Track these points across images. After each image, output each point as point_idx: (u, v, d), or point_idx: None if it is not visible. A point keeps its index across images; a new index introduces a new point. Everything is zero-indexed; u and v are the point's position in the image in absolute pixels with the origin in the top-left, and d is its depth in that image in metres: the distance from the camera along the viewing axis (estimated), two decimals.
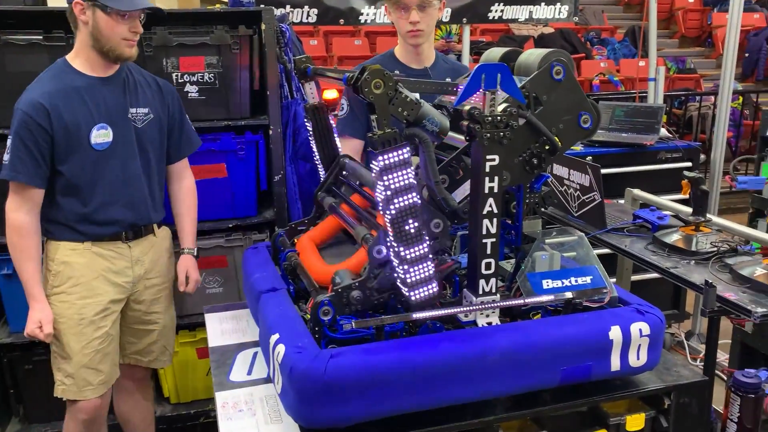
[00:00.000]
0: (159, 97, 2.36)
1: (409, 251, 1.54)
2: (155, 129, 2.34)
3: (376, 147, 1.48)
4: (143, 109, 2.31)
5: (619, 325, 1.68)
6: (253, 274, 2.04)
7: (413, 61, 2.65)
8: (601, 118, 1.89)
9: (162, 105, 2.36)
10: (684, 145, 3.67)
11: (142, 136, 2.30)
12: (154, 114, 2.33)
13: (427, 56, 2.65)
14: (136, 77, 2.35)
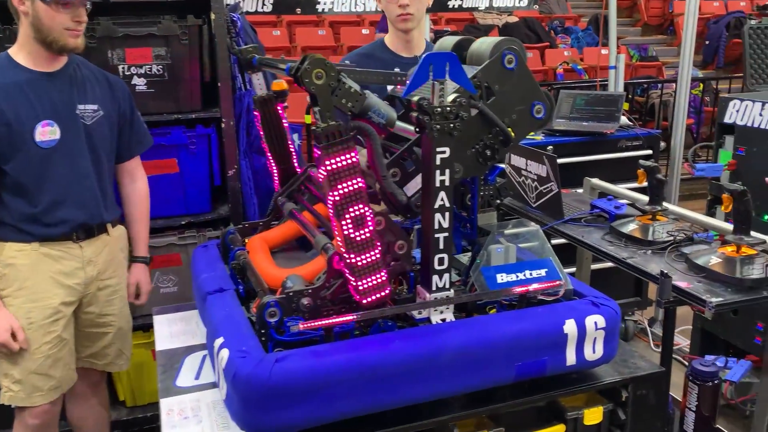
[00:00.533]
0: (109, 93, 2.26)
1: (359, 258, 1.49)
2: (105, 126, 2.24)
3: (319, 140, 1.42)
4: (92, 105, 2.21)
5: (573, 319, 1.65)
6: (201, 274, 1.96)
7: (403, 49, 2.61)
8: (554, 107, 1.86)
9: (112, 102, 2.26)
10: (644, 133, 3.67)
11: (92, 134, 2.21)
12: (104, 111, 2.23)
13: (417, 44, 2.62)
14: (84, 72, 2.24)
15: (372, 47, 2.67)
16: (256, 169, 2.88)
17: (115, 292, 2.35)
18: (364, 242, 1.51)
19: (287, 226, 2.06)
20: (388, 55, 2.58)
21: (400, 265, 1.66)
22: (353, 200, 1.47)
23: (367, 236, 1.51)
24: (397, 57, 2.56)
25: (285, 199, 2.12)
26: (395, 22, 2.50)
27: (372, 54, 2.59)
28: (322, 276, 1.68)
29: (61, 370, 2.24)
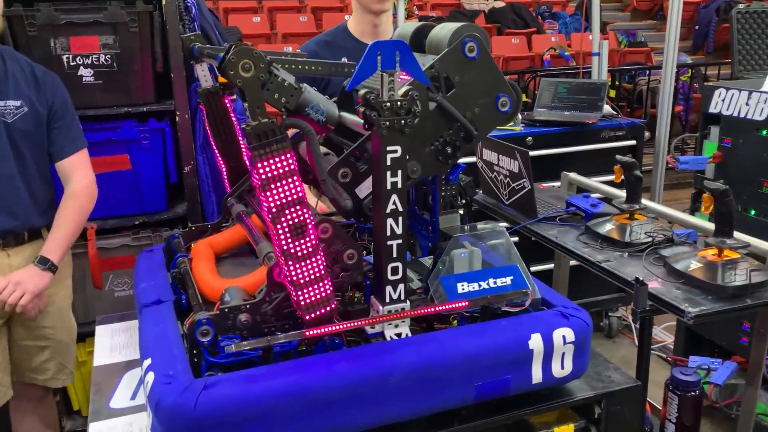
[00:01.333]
0: (35, 87, 2.08)
1: (300, 270, 1.34)
2: (30, 124, 2.06)
3: (250, 141, 1.26)
4: (14, 101, 2.03)
5: (540, 332, 1.51)
6: (141, 283, 1.81)
7: (370, 35, 2.41)
8: (521, 100, 1.70)
9: (39, 96, 2.08)
10: (627, 122, 3.53)
11: (14, 132, 2.03)
12: (29, 107, 2.05)
13: (385, 30, 2.43)
14: (9, 66, 2.06)
15: (334, 33, 2.48)
16: (214, 165, 2.71)
17: (51, 303, 2.17)
18: (303, 253, 1.36)
19: (236, 230, 1.91)
20: (351, 42, 2.40)
21: (350, 277, 1.51)
22: (290, 206, 1.31)
23: (307, 246, 1.36)
24: (363, 45, 2.37)
25: (234, 201, 1.96)
26: (370, 3, 2.32)
27: (333, 41, 2.42)
28: (263, 288, 1.53)
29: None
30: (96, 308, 2.70)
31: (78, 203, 2.20)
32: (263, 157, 1.27)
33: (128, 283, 2.70)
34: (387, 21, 2.44)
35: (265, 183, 1.28)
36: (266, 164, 1.27)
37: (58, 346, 2.24)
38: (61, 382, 2.31)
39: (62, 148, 2.16)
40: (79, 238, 2.58)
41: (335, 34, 2.46)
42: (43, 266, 2.09)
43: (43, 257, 2.10)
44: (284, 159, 1.28)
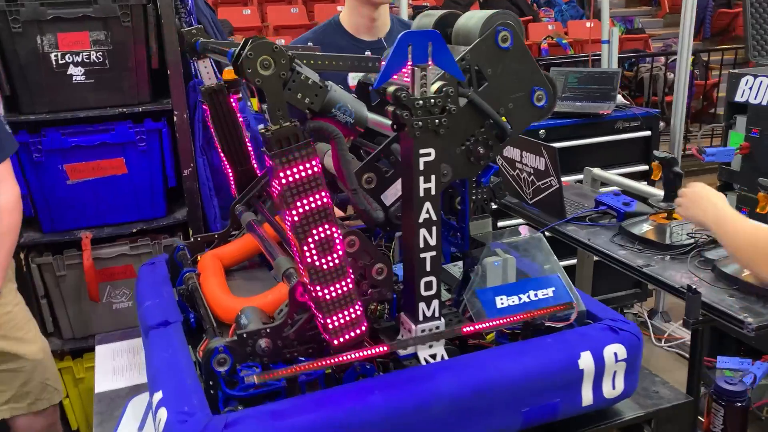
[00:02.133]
0: None
1: (327, 290, 1.19)
2: None
3: (270, 147, 1.11)
4: None
5: (590, 350, 1.37)
6: (144, 302, 1.65)
7: (365, 30, 2.21)
8: (557, 93, 1.55)
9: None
10: (642, 113, 3.38)
11: None
12: None
13: (382, 24, 2.22)
14: None
15: (324, 30, 2.26)
16: (216, 166, 2.55)
17: (4, 325, 1.99)
18: (331, 271, 1.21)
19: (246, 240, 1.76)
20: (344, 39, 2.20)
21: (378, 293, 1.37)
22: (316, 220, 1.17)
23: (335, 263, 1.21)
24: (357, 41, 2.19)
25: (243, 208, 1.81)
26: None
27: (323, 39, 2.18)
28: (284, 309, 1.38)
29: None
30: (93, 322, 2.55)
31: (11, 218, 1.96)
32: (285, 164, 1.12)
33: (127, 294, 2.55)
34: (385, 14, 2.25)
35: (288, 193, 1.13)
36: (289, 172, 1.12)
37: (31, 366, 2.06)
38: (48, 402, 2.14)
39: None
40: (73, 248, 2.43)
41: (325, 30, 2.24)
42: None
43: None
44: (309, 166, 1.13)
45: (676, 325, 3.63)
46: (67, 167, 2.33)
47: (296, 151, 1.12)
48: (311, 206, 1.15)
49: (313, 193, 1.14)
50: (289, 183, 1.13)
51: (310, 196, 1.15)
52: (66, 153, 2.14)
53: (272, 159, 1.12)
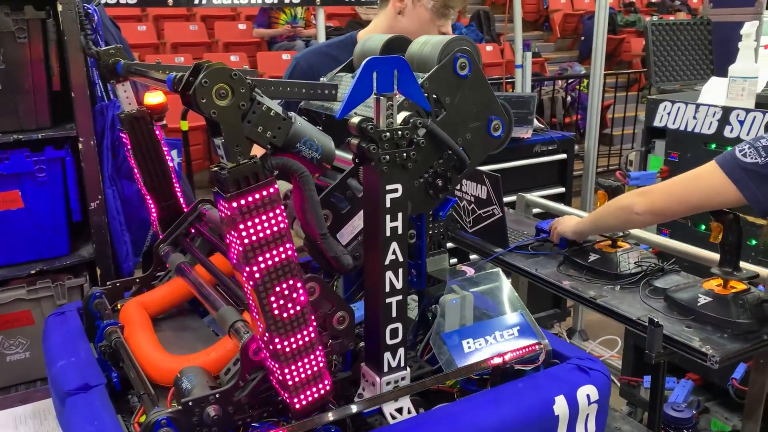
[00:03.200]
0: None
1: (287, 341, 1.05)
2: None
3: (225, 188, 0.96)
4: None
5: (563, 394, 1.31)
6: (57, 360, 1.43)
7: None
8: (512, 122, 1.49)
9: None
10: (559, 136, 3.45)
11: None
12: None
13: None
14: None
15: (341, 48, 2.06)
16: (127, 197, 2.32)
17: None
18: (292, 320, 1.07)
19: (174, 285, 1.57)
20: None
21: (340, 345, 1.23)
22: (280, 276, 1.02)
23: (296, 311, 1.07)
24: None
25: (169, 248, 1.62)
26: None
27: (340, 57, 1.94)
28: (232, 367, 1.22)
29: None
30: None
31: None
32: (246, 216, 0.97)
33: (23, 344, 2.25)
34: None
35: (249, 249, 0.98)
36: (250, 226, 0.97)
37: None
38: None
39: None
40: None
41: (343, 48, 2.05)
42: None
43: None
44: (272, 217, 0.99)
45: (595, 344, 3.70)
46: None
47: (255, 193, 0.98)
48: (274, 260, 1.01)
49: (276, 246, 1.00)
50: (251, 239, 0.98)
51: (274, 250, 1.00)
52: None
53: (227, 201, 0.97)
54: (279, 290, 1.02)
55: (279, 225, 0.98)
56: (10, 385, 2.26)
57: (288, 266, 1.01)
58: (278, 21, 7.69)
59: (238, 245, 0.97)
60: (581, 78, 7.55)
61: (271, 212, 0.96)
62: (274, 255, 0.99)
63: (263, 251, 0.98)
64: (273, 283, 1.01)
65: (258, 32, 7.74)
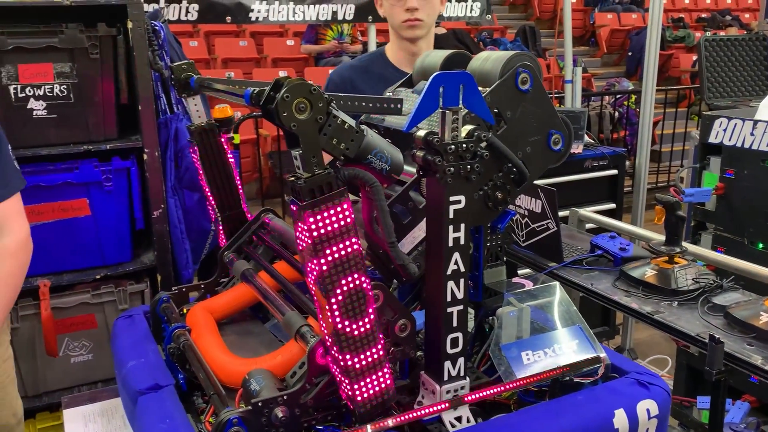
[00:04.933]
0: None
1: (357, 359, 1.08)
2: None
3: (301, 197, 1.01)
4: None
5: (623, 408, 1.30)
6: (127, 361, 1.49)
7: (407, 63, 2.17)
8: (573, 136, 1.51)
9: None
10: (610, 152, 3.44)
11: None
12: None
13: None
14: None
15: (370, 59, 2.24)
16: (188, 207, 2.40)
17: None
18: (362, 333, 1.10)
19: (238, 291, 1.62)
20: (390, 70, 2.15)
21: (401, 352, 1.26)
22: (346, 271, 1.06)
23: (365, 324, 1.10)
24: (401, 73, 2.13)
25: (233, 255, 1.68)
26: (400, 30, 2.09)
27: (370, 68, 2.18)
28: (297, 371, 1.26)
29: None
30: (48, 378, 2.32)
31: (16, 262, 1.77)
32: (316, 211, 1.01)
33: (86, 346, 2.34)
34: (427, 48, 2.20)
35: (318, 242, 1.02)
36: (319, 220, 1.01)
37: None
38: None
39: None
40: (29, 297, 2.22)
41: (372, 60, 2.22)
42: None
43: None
44: (341, 211, 1.03)
45: (644, 363, 3.63)
46: (25, 209, 2.13)
47: (329, 201, 1.02)
48: (341, 254, 1.04)
49: (344, 239, 1.04)
50: (320, 232, 1.02)
51: (340, 243, 1.04)
52: (25, 193, 1.94)
53: (303, 209, 1.01)
54: (344, 283, 1.05)
55: (346, 220, 1.02)
56: (74, 385, 2.36)
57: (354, 261, 1.05)
58: (325, 37, 7.85)
59: (307, 242, 1.02)
60: (629, 93, 7.46)
61: (339, 207, 1.01)
62: (341, 248, 1.03)
63: (330, 245, 1.02)
64: (339, 276, 1.05)
65: (305, 48, 7.89)
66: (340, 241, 1.03)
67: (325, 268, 1.04)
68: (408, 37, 2.09)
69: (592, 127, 7.19)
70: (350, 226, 1.04)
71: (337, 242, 1.03)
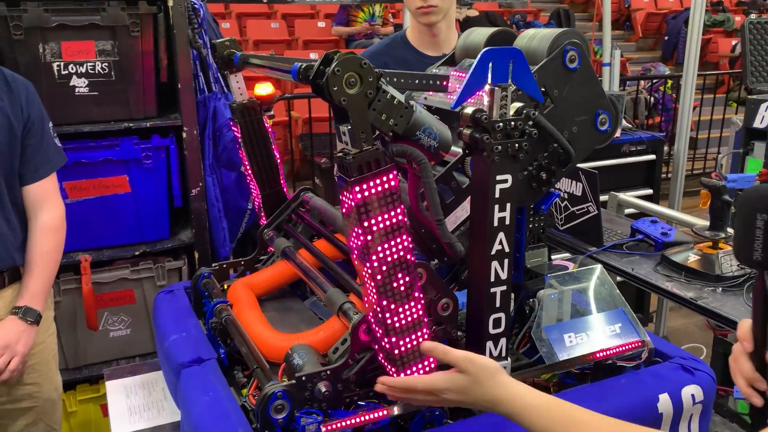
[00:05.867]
0: (9, 95, 1.72)
1: (398, 314, 1.08)
2: (4, 138, 1.69)
3: (349, 173, 1.00)
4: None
5: (668, 392, 1.28)
6: (169, 335, 1.51)
7: (428, 45, 2.15)
8: (620, 118, 1.48)
9: (12, 105, 1.72)
10: (648, 136, 3.37)
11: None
12: (2, 119, 1.69)
13: (446, 40, 2.14)
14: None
15: (390, 43, 2.22)
16: (225, 186, 2.42)
17: (35, 356, 1.82)
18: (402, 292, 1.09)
19: (279, 268, 1.63)
20: (411, 54, 2.14)
21: (443, 331, 1.26)
22: (391, 245, 1.05)
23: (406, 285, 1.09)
24: (422, 56, 2.11)
25: (273, 233, 1.68)
26: (415, 16, 2.07)
27: (389, 52, 2.16)
28: (339, 347, 1.26)
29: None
30: (87, 351, 2.37)
31: (59, 236, 1.83)
32: (365, 191, 1.01)
33: (125, 321, 2.38)
34: (448, 30, 2.16)
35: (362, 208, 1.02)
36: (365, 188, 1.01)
37: (45, 406, 1.87)
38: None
39: (37, 169, 1.78)
40: (71, 272, 2.27)
41: (392, 44, 2.20)
42: (30, 320, 1.73)
43: (29, 308, 1.73)
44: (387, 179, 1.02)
45: None
46: (66, 185, 2.17)
47: (377, 178, 1.01)
48: (387, 227, 1.04)
49: (390, 208, 1.03)
50: (364, 197, 1.01)
51: (387, 212, 1.03)
52: (66, 170, 1.98)
53: (351, 185, 1.01)
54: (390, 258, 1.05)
55: (393, 194, 1.02)
56: (112, 359, 2.40)
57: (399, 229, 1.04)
58: (356, 19, 7.80)
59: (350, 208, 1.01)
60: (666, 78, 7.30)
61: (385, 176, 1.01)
62: (387, 221, 1.03)
63: (376, 213, 1.02)
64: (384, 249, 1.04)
65: (337, 30, 7.86)
66: (385, 212, 1.03)
67: (371, 240, 1.03)
68: (423, 23, 2.06)
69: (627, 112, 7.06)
70: (396, 197, 1.03)
71: (382, 213, 1.02)
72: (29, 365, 1.80)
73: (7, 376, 1.70)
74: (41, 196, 1.80)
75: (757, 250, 0.91)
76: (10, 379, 1.72)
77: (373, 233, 1.03)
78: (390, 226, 1.04)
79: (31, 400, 1.83)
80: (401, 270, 1.07)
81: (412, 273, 1.09)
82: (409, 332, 1.10)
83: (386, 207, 1.03)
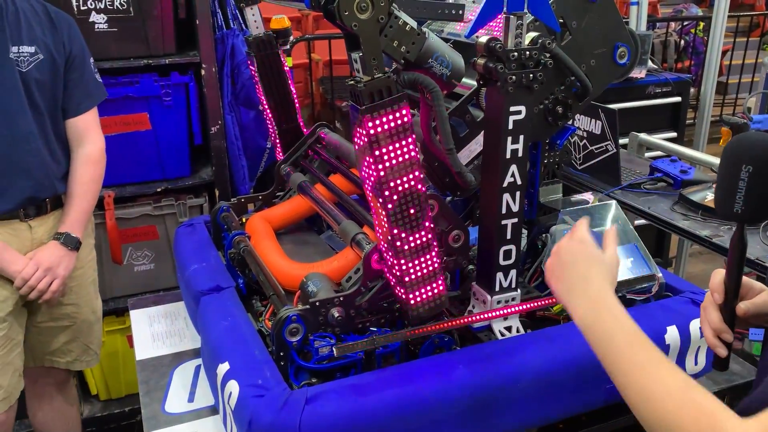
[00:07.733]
0: (51, 31, 1.76)
1: (408, 240, 1.10)
2: (47, 73, 1.74)
3: (361, 101, 1.01)
4: (29, 47, 1.71)
5: (675, 325, 1.30)
6: (189, 265, 1.56)
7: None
8: (639, 51, 1.45)
9: (56, 42, 1.76)
10: (674, 78, 3.29)
11: (30, 83, 1.72)
12: (45, 54, 1.74)
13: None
14: (19, 5, 1.74)
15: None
16: (244, 124, 2.43)
17: (75, 279, 1.90)
18: (417, 244, 1.12)
19: (295, 202, 1.66)
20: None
21: (454, 262, 1.28)
22: (403, 174, 1.06)
23: (422, 235, 1.11)
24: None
25: (290, 168, 1.70)
26: None
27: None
28: (353, 275, 1.29)
29: (10, 376, 1.82)
30: (113, 284, 2.44)
31: (99, 168, 1.91)
32: (375, 115, 1.01)
33: (149, 256, 2.44)
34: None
35: (374, 142, 1.02)
36: (378, 122, 1.01)
37: (82, 326, 1.98)
38: (86, 364, 2.06)
39: (79, 104, 1.84)
40: (95, 208, 2.32)
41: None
42: (71, 245, 1.82)
43: (70, 235, 1.82)
44: (400, 114, 1.02)
45: None
46: None
47: (388, 106, 1.02)
48: (399, 158, 1.05)
49: (401, 142, 1.04)
50: (377, 132, 1.02)
51: (399, 146, 1.04)
52: None
53: (362, 113, 1.02)
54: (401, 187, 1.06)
55: (405, 122, 1.02)
56: (137, 293, 2.47)
57: (411, 165, 1.05)
58: None
59: (363, 143, 1.02)
60: (698, 20, 7.06)
61: (398, 112, 1.01)
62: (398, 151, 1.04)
63: (388, 147, 1.03)
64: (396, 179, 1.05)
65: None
66: (397, 144, 1.03)
67: (383, 171, 1.05)
68: None
69: (656, 56, 6.87)
70: (408, 129, 1.04)
71: (394, 144, 1.03)
72: (69, 287, 1.89)
73: (49, 296, 1.80)
74: (83, 129, 1.86)
75: (738, 203, 0.86)
76: (51, 299, 1.82)
77: (384, 161, 1.04)
78: (402, 158, 1.04)
79: (69, 319, 1.93)
80: (412, 200, 1.08)
81: (424, 203, 1.10)
82: (419, 255, 1.12)
83: (397, 133, 1.03)
